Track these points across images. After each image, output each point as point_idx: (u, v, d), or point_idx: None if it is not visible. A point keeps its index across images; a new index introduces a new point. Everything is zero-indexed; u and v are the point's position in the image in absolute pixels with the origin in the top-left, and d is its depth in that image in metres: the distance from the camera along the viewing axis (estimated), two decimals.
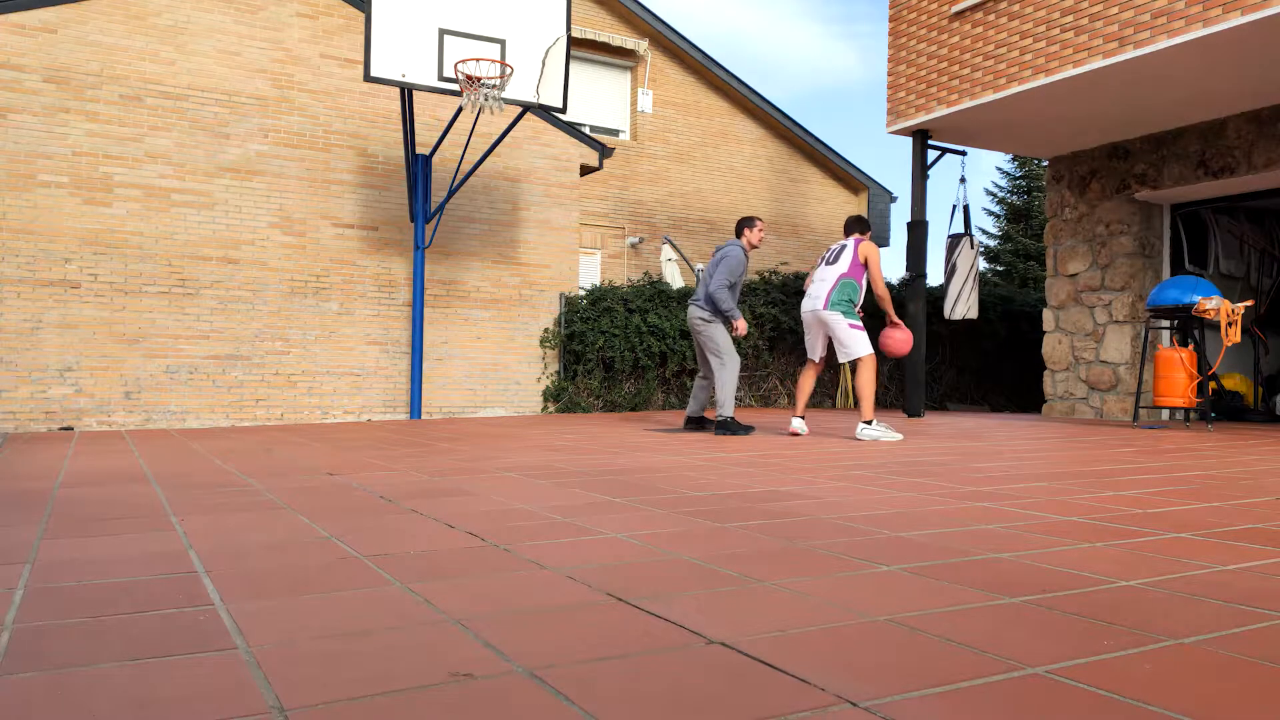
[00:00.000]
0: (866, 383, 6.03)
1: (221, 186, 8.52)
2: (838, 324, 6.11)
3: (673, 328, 10.40)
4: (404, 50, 7.74)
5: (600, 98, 14.45)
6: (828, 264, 6.27)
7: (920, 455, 4.87)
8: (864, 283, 6.25)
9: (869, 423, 6.01)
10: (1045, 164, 17.33)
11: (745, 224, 6.72)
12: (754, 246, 6.76)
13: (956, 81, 8.87)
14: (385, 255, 9.30)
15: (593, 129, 14.14)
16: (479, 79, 7.77)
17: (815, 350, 6.37)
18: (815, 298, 6.23)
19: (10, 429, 7.58)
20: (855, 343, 6.07)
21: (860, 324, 6.13)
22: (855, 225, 6.45)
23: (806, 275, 6.46)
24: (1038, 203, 25.36)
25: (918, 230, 9.49)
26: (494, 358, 9.81)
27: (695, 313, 6.56)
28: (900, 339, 6.36)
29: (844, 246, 6.29)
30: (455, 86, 7.89)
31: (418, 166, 8.87)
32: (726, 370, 6.46)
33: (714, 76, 15.18)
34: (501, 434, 6.60)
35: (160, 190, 8.26)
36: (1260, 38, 6.77)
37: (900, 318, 12.13)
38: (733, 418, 6.42)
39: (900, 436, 6.09)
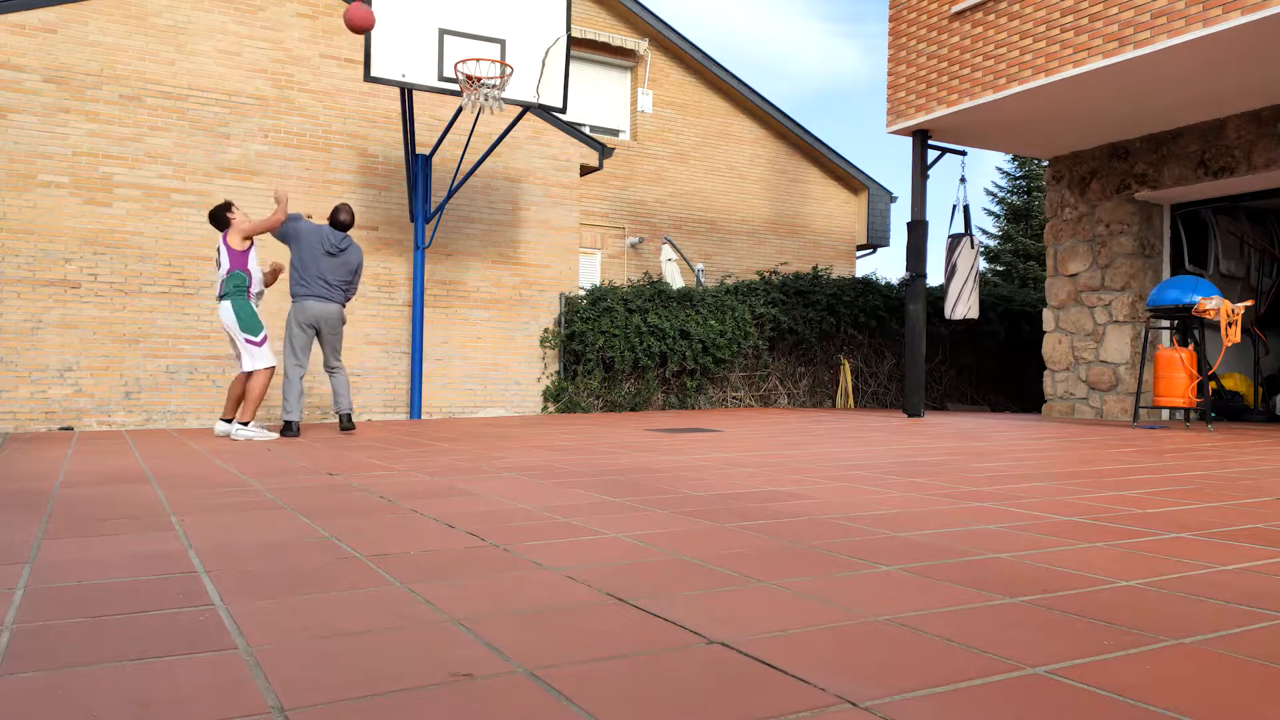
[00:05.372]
0: (258, 386, 6.20)
1: (221, 186, 8.52)
2: (237, 336, 6.18)
3: (673, 328, 10.40)
4: (404, 50, 7.74)
5: (600, 98, 14.45)
6: (218, 265, 6.26)
7: (920, 455, 4.87)
8: (252, 268, 6.21)
9: (245, 424, 6.21)
10: (1045, 164, 17.33)
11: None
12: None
13: (956, 81, 8.87)
14: (385, 255, 9.29)
15: (593, 129, 14.13)
16: (479, 79, 7.77)
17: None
18: (224, 308, 6.21)
19: (10, 429, 7.58)
20: (253, 357, 6.20)
21: (259, 339, 6.19)
22: (216, 222, 6.31)
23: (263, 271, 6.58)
24: (1038, 203, 25.35)
25: (918, 230, 9.49)
26: (494, 358, 9.80)
27: (337, 310, 6.58)
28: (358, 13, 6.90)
29: (219, 250, 6.23)
30: (455, 86, 7.89)
31: (418, 166, 8.87)
32: (342, 371, 6.71)
33: (714, 76, 15.17)
34: (501, 434, 6.60)
35: (160, 190, 8.26)
36: (1260, 38, 6.77)
37: (899, 318, 12.19)
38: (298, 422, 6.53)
39: (274, 435, 6.33)
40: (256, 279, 6.28)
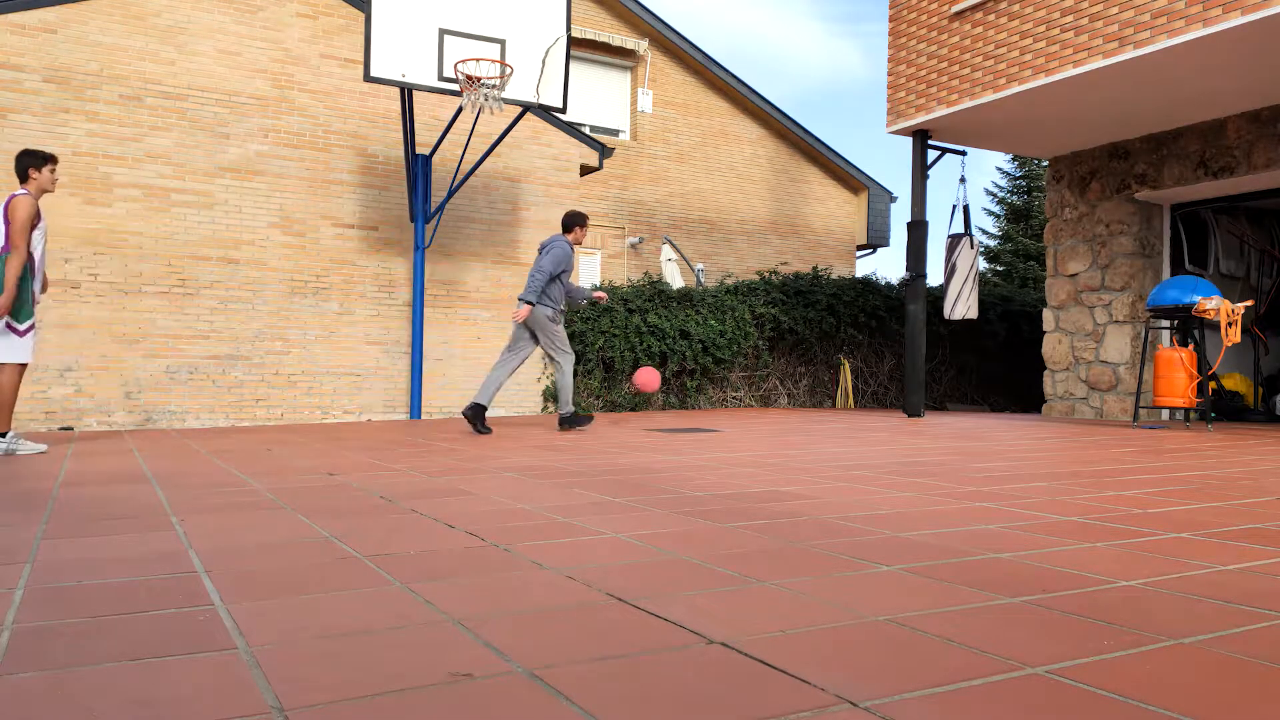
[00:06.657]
0: (7, 385, 5.06)
1: (221, 186, 8.52)
2: None
3: (673, 328, 10.40)
4: (404, 50, 7.74)
5: (600, 98, 14.45)
6: None
7: (920, 455, 4.87)
8: (35, 249, 5.15)
9: (2, 434, 5.05)
10: (1045, 164, 17.33)
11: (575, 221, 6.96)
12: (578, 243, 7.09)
13: (956, 81, 8.86)
14: (385, 255, 9.29)
15: (593, 129, 14.13)
16: (479, 79, 7.77)
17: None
18: None
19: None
20: (11, 348, 5.06)
21: (24, 327, 5.08)
22: (19, 170, 5.19)
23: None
24: (1038, 203, 25.35)
25: (918, 230, 9.49)
26: (494, 358, 9.80)
27: (525, 310, 6.65)
28: (647, 376, 7.75)
29: None
30: (455, 86, 7.89)
31: (418, 166, 8.86)
32: (568, 368, 6.81)
33: (714, 76, 15.17)
34: (501, 434, 6.60)
35: (160, 190, 8.25)
36: (1260, 38, 6.77)
37: (899, 318, 12.17)
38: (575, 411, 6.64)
39: (43, 447, 5.29)
40: (37, 259, 5.17)
